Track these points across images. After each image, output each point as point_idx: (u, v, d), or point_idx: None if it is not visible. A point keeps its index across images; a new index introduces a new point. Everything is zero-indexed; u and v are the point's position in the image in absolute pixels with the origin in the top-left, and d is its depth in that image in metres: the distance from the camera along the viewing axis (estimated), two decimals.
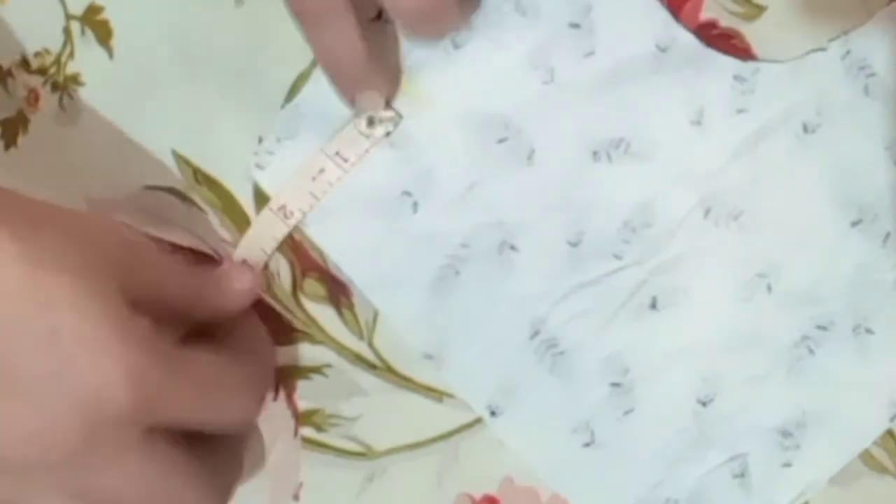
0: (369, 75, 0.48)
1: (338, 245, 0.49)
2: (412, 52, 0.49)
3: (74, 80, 0.53)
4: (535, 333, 0.48)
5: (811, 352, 0.47)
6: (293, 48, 0.50)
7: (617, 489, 0.48)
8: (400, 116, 0.48)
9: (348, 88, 0.48)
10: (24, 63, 0.53)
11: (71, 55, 0.52)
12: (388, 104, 0.48)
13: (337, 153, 0.49)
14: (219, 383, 0.44)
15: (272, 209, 0.49)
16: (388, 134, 0.49)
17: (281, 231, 0.49)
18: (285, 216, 0.49)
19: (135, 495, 0.43)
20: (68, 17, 0.52)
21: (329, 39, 0.47)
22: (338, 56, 0.47)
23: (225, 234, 0.50)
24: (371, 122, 0.48)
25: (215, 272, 0.48)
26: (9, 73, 0.54)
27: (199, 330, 0.46)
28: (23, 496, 0.43)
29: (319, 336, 0.50)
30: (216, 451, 0.46)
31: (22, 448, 0.41)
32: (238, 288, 0.48)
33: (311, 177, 0.49)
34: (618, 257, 0.48)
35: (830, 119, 0.47)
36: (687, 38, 0.48)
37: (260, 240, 0.49)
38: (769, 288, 0.47)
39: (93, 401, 0.40)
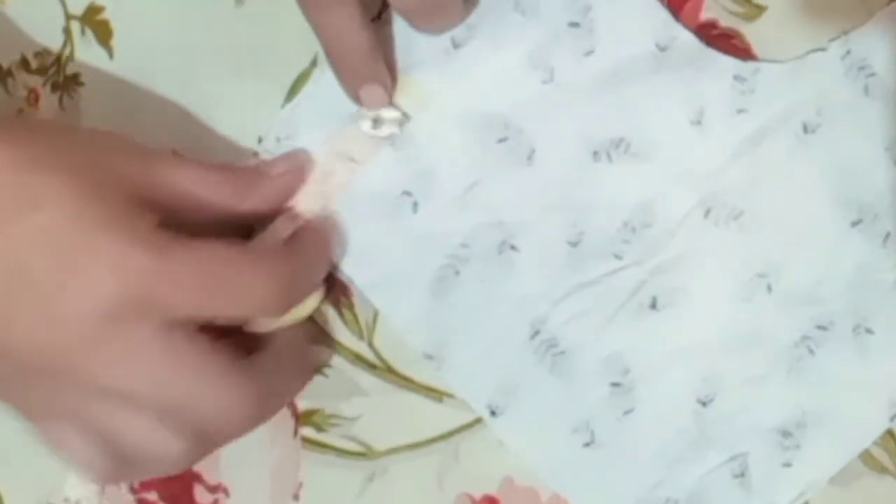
0: (374, 66, 0.47)
1: (338, 244, 0.49)
2: (412, 52, 0.49)
3: (74, 80, 0.53)
4: (535, 333, 0.48)
5: (811, 352, 0.47)
6: (293, 48, 0.50)
7: (617, 489, 0.48)
8: (407, 117, 0.48)
9: (352, 80, 0.48)
10: (24, 63, 0.53)
11: (71, 55, 0.53)
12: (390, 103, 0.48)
13: (343, 154, 0.49)
14: (227, 276, 0.43)
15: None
16: (394, 135, 0.48)
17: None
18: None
19: (154, 391, 0.42)
20: (68, 17, 0.52)
21: (333, 25, 0.46)
22: (342, 43, 0.47)
23: None
24: (377, 123, 0.48)
25: (251, 166, 0.48)
26: (9, 73, 0.54)
27: None
28: (49, 399, 0.43)
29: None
30: (260, 352, 0.46)
31: (32, 351, 0.41)
32: (275, 173, 0.48)
33: (320, 180, 0.49)
34: (618, 257, 0.48)
35: (830, 119, 0.47)
36: (687, 38, 0.48)
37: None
38: (769, 288, 0.47)
39: (86, 299, 0.40)
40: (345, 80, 0.48)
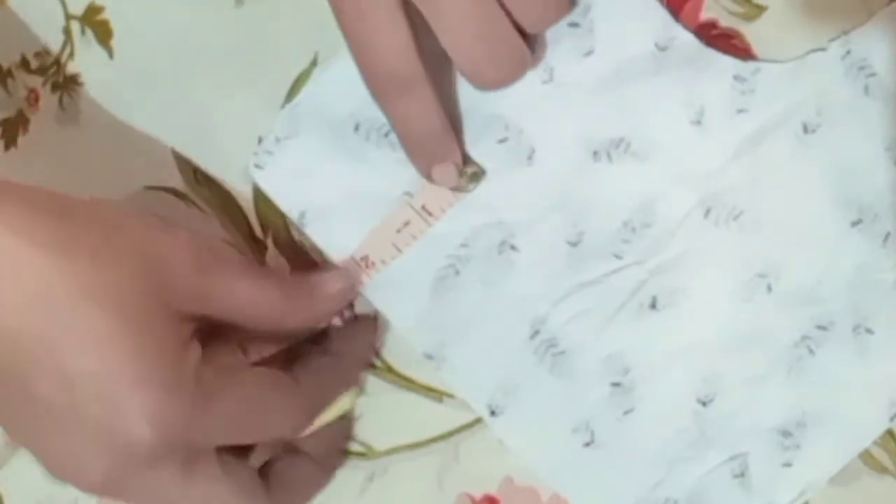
0: (445, 146, 0.47)
1: (337, 245, 0.49)
2: None
3: (74, 80, 0.53)
4: (535, 333, 0.48)
5: (811, 352, 0.47)
6: (293, 48, 0.50)
7: (617, 489, 0.48)
8: (483, 171, 0.48)
9: (425, 162, 0.48)
10: (24, 63, 0.53)
11: (71, 55, 0.53)
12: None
13: (423, 207, 0.48)
14: (263, 409, 0.44)
15: (355, 259, 0.49)
16: (471, 189, 0.48)
17: (363, 280, 0.49)
18: (366, 266, 0.49)
19: None
20: (68, 17, 0.52)
21: (405, 111, 0.46)
22: (414, 128, 0.47)
23: (225, 234, 0.50)
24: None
25: (309, 279, 0.47)
26: (9, 73, 0.54)
27: None
28: None
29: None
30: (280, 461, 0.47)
31: (58, 471, 0.42)
32: (333, 290, 0.47)
33: (396, 229, 0.49)
34: (618, 257, 0.48)
35: (830, 119, 0.47)
36: (687, 38, 0.48)
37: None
38: (769, 288, 0.47)
39: (115, 442, 0.40)
40: (417, 162, 0.48)
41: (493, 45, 0.44)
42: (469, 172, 0.48)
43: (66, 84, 0.53)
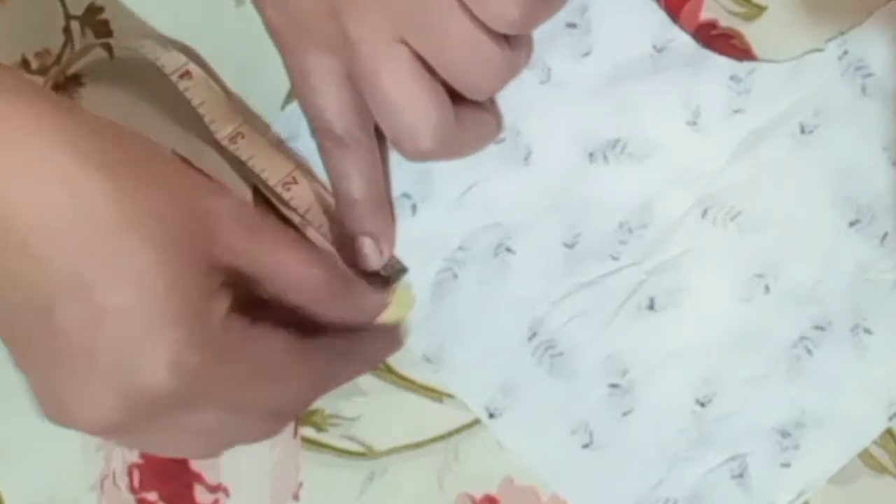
0: (373, 218, 0.48)
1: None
2: None
3: (75, 80, 0.53)
4: (533, 335, 0.48)
5: (810, 352, 0.47)
6: None
7: (617, 489, 0.48)
8: (405, 269, 0.49)
9: (352, 228, 0.48)
10: (25, 63, 0.53)
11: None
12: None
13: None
14: (275, 375, 0.43)
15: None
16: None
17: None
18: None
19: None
20: (68, 17, 0.52)
21: (338, 166, 0.47)
22: (344, 187, 0.47)
23: None
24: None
25: (357, 283, 0.47)
26: None
27: None
28: None
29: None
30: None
31: (59, 410, 0.40)
32: (366, 306, 0.47)
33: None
34: (615, 258, 0.48)
35: (828, 119, 0.47)
36: (684, 39, 0.48)
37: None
38: (767, 288, 0.47)
39: (130, 384, 0.39)
40: (346, 225, 0.48)
41: (418, 114, 0.44)
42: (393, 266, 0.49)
43: (67, 84, 0.53)
